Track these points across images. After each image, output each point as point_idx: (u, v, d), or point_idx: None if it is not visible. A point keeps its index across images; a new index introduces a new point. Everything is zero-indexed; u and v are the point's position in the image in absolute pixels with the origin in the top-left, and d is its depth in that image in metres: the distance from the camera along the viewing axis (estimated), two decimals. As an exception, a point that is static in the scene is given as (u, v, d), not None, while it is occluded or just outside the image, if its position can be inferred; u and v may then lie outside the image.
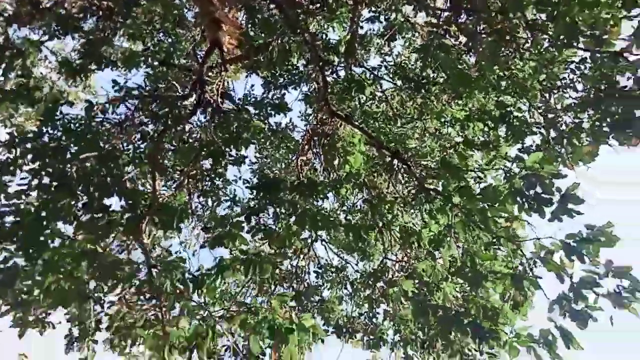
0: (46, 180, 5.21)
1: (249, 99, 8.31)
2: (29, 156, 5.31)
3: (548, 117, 5.88)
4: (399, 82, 7.30)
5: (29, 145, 5.33)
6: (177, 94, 5.94)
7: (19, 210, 4.84)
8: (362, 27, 8.71)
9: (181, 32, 8.06)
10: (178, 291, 5.11)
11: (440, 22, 6.15)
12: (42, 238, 4.73)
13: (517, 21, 6.16)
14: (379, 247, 7.67)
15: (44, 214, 4.85)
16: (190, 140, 7.46)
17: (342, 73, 7.26)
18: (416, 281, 5.70)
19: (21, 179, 5.26)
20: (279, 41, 6.50)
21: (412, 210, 6.74)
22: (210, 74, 6.01)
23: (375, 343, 7.34)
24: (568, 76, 6.31)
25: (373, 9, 8.09)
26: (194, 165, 7.11)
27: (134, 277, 5.19)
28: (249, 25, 7.81)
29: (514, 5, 6.03)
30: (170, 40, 7.91)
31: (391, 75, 7.98)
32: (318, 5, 6.99)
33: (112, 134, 7.31)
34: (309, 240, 7.30)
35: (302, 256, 7.95)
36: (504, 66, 6.18)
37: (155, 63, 7.94)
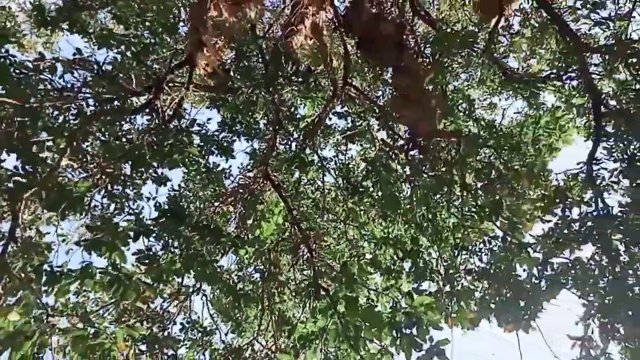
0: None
1: (200, 128, 8.23)
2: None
3: (449, 272, 6.25)
4: (339, 180, 7.59)
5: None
6: (132, 87, 5.78)
7: None
8: (330, 118, 9.17)
9: (166, 39, 8.06)
10: (26, 278, 4.56)
11: (395, 146, 6.63)
12: None
13: (457, 177, 6.77)
14: (255, 326, 7.36)
15: None
16: (123, 140, 7.14)
17: (294, 146, 7.48)
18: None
19: None
20: (251, 90, 6.67)
21: (297, 301, 6.66)
22: (171, 84, 5.95)
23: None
24: (479, 245, 6.85)
25: (347, 107, 8.60)
26: (115, 165, 6.74)
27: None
28: (232, 65, 7.99)
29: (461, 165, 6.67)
30: (152, 41, 7.85)
31: (336, 172, 8.32)
32: (300, 79, 7.34)
33: (47, 94, 6.88)
34: (191, 289, 6.90)
35: (176, 302, 7.44)
36: (431, 210, 6.63)
37: (128, 53, 7.79)
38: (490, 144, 7.63)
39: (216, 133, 8.51)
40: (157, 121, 5.84)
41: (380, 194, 6.62)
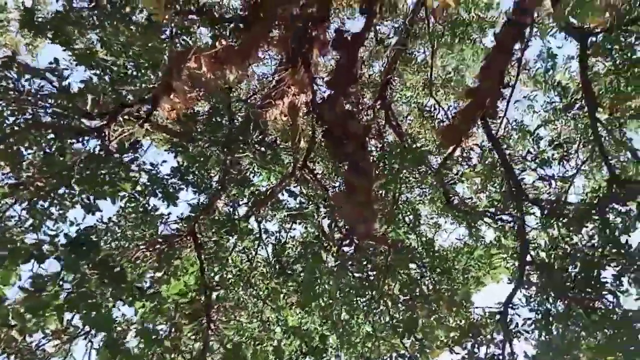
0: None
1: (152, 168, 8.10)
2: None
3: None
4: (270, 257, 7.50)
5: None
6: (87, 110, 5.74)
7: None
8: (282, 194, 9.25)
9: (148, 74, 8.17)
10: None
11: (331, 237, 6.68)
12: None
13: (382, 285, 6.79)
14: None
15: None
16: (67, 159, 6.92)
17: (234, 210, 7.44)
18: None
19: None
20: (207, 145, 6.75)
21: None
22: (127, 117, 5.96)
23: None
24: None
25: (300, 187, 8.74)
26: (47, 180, 6.48)
27: None
28: (203, 118, 8.10)
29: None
30: (133, 72, 7.94)
31: (271, 248, 8.24)
32: (262, 148, 7.48)
33: (6, 93, 6.76)
34: (79, 331, 6.30)
35: (57, 341, 6.74)
36: (349, 311, 6.55)
37: (106, 77, 7.84)
38: (423, 261, 7.79)
39: (166, 177, 8.41)
40: (102, 147, 5.76)
41: (302, 279, 6.54)
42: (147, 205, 8.32)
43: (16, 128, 5.78)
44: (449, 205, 7.83)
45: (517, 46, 8.84)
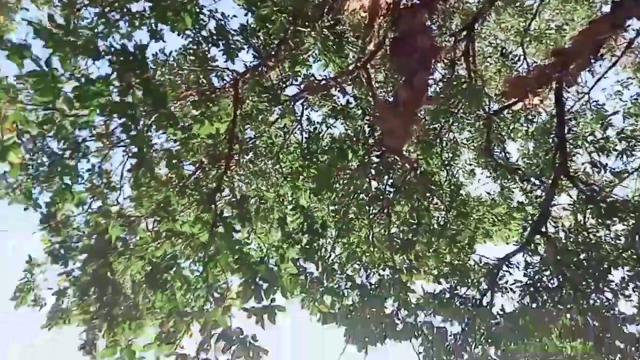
0: None
1: (220, 18, 8.11)
2: None
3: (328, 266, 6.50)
4: (303, 141, 7.77)
5: None
6: None
7: None
8: (335, 88, 9.23)
9: None
10: None
11: (362, 140, 6.79)
12: None
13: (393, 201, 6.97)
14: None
15: None
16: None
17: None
18: None
19: None
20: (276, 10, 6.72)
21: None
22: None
23: None
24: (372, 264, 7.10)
25: (352, 87, 8.70)
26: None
27: None
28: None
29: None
30: None
31: (307, 134, 8.44)
32: (329, 35, 7.38)
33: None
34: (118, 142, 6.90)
35: (99, 144, 7.42)
36: (356, 212, 6.82)
37: None
38: (444, 198, 7.86)
39: (233, 32, 8.45)
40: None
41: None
42: (207, 53, 8.50)
43: None
44: (486, 153, 7.68)
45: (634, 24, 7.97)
